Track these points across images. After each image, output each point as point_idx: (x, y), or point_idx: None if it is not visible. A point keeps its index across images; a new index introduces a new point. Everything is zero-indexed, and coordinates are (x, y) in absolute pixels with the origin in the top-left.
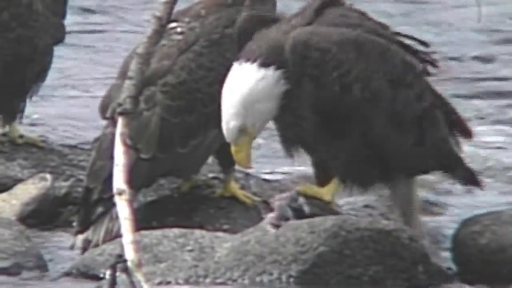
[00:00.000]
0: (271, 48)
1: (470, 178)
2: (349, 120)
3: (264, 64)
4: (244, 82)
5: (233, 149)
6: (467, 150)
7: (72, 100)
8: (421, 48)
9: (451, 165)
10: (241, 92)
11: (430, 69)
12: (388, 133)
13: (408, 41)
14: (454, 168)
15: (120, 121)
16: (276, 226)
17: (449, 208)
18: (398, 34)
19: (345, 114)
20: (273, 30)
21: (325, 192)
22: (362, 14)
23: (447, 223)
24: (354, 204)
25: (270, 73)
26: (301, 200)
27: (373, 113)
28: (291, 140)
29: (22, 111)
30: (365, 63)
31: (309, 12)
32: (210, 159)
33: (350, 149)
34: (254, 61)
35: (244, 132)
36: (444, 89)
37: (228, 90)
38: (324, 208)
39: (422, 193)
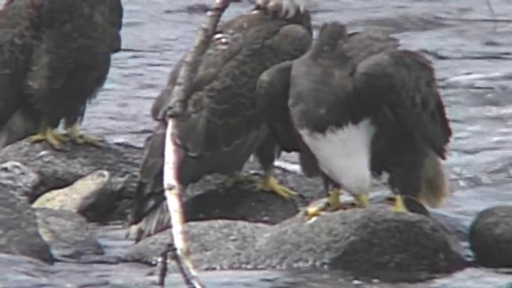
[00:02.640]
0: (345, 101)
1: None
2: (414, 129)
3: (358, 119)
4: (347, 147)
5: (361, 196)
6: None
7: (127, 103)
8: None
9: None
10: (358, 150)
11: None
12: (433, 128)
13: None
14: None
15: (170, 122)
16: None
17: (467, 202)
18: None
19: (414, 124)
20: (321, 84)
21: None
22: (366, 36)
23: (465, 215)
24: (381, 198)
25: (363, 125)
26: None
27: (425, 116)
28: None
29: (82, 113)
30: (412, 74)
31: (339, 56)
32: (252, 157)
33: (417, 155)
34: (341, 122)
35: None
36: None
37: (339, 151)
38: None
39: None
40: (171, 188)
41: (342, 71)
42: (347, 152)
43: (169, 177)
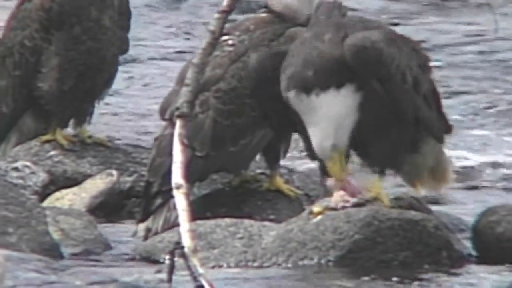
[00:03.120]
0: (332, 67)
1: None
2: (407, 105)
3: (339, 84)
4: (329, 108)
5: (327, 165)
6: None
7: (135, 103)
8: None
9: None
10: (329, 116)
11: None
12: (424, 110)
13: None
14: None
15: (178, 123)
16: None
17: (469, 201)
18: None
19: (404, 100)
20: (311, 49)
21: (381, 193)
22: (366, 19)
23: (468, 214)
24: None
25: (346, 90)
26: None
27: (418, 96)
28: None
29: (91, 114)
30: (404, 55)
31: (332, 24)
32: (258, 157)
33: (402, 132)
34: (326, 86)
35: (337, 148)
36: None
37: (314, 118)
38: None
39: (446, 190)
40: (178, 187)
41: (333, 37)
42: (325, 116)
43: (177, 176)
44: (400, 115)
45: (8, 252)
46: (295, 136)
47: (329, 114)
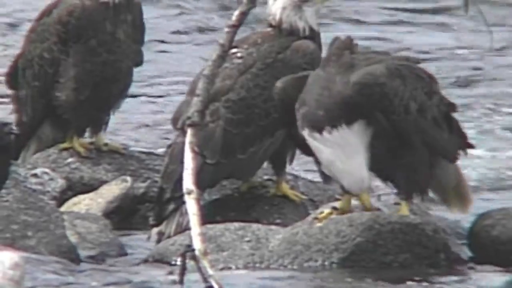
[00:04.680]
0: (341, 105)
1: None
2: (414, 134)
3: (351, 121)
4: (343, 149)
5: (361, 197)
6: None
7: (149, 113)
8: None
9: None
10: (349, 155)
11: None
12: (433, 133)
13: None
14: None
15: (189, 131)
16: None
17: None
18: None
19: (410, 130)
20: (323, 89)
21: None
22: (374, 52)
23: (464, 218)
24: (386, 202)
25: (357, 128)
26: None
27: (424, 122)
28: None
29: (107, 123)
30: (408, 85)
31: (343, 64)
32: (265, 164)
33: (416, 158)
34: (335, 123)
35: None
36: None
37: (337, 161)
38: None
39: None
40: (190, 192)
41: (343, 78)
42: (344, 153)
43: (188, 182)
44: (408, 143)
45: (27, 255)
46: None
47: (352, 149)
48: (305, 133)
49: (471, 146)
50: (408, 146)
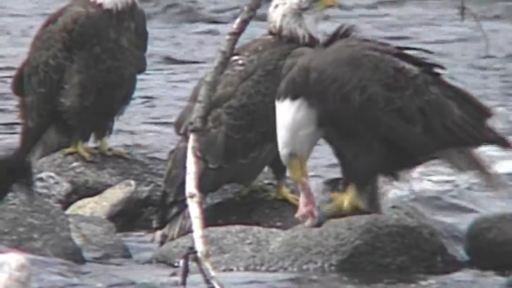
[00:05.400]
0: (293, 82)
1: (501, 141)
2: (356, 123)
3: (293, 97)
4: (285, 117)
5: (288, 169)
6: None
7: (152, 118)
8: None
9: (474, 140)
10: (285, 125)
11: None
12: (395, 127)
13: (411, 52)
14: (479, 140)
15: (191, 137)
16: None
17: (462, 209)
18: (400, 48)
19: (350, 119)
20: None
21: (342, 203)
22: (365, 40)
23: (461, 221)
24: (383, 205)
25: (298, 104)
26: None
27: (375, 114)
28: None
29: (111, 128)
30: (359, 75)
31: (320, 45)
32: (266, 168)
33: (368, 146)
34: (285, 97)
35: (294, 155)
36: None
37: (278, 125)
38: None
39: (442, 196)
40: (192, 196)
41: (303, 59)
42: (288, 124)
43: (191, 186)
44: (352, 131)
45: (33, 256)
46: None
47: (286, 123)
48: (276, 101)
49: (488, 112)
50: (352, 133)
